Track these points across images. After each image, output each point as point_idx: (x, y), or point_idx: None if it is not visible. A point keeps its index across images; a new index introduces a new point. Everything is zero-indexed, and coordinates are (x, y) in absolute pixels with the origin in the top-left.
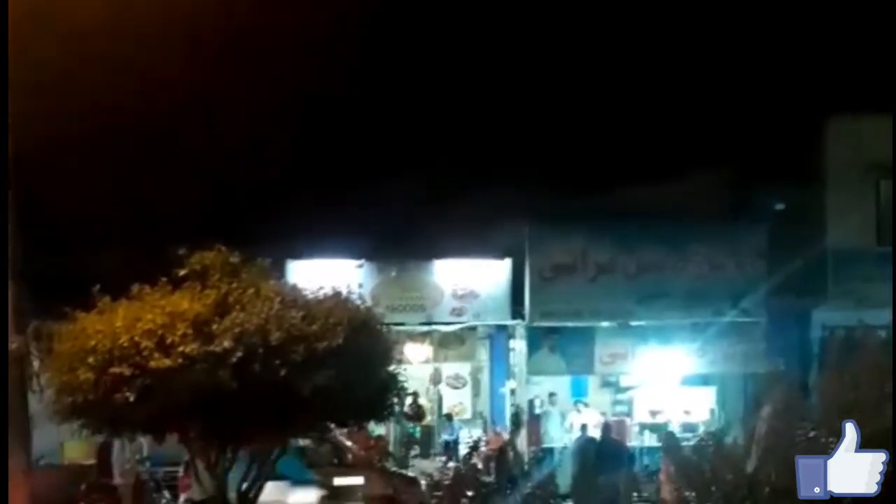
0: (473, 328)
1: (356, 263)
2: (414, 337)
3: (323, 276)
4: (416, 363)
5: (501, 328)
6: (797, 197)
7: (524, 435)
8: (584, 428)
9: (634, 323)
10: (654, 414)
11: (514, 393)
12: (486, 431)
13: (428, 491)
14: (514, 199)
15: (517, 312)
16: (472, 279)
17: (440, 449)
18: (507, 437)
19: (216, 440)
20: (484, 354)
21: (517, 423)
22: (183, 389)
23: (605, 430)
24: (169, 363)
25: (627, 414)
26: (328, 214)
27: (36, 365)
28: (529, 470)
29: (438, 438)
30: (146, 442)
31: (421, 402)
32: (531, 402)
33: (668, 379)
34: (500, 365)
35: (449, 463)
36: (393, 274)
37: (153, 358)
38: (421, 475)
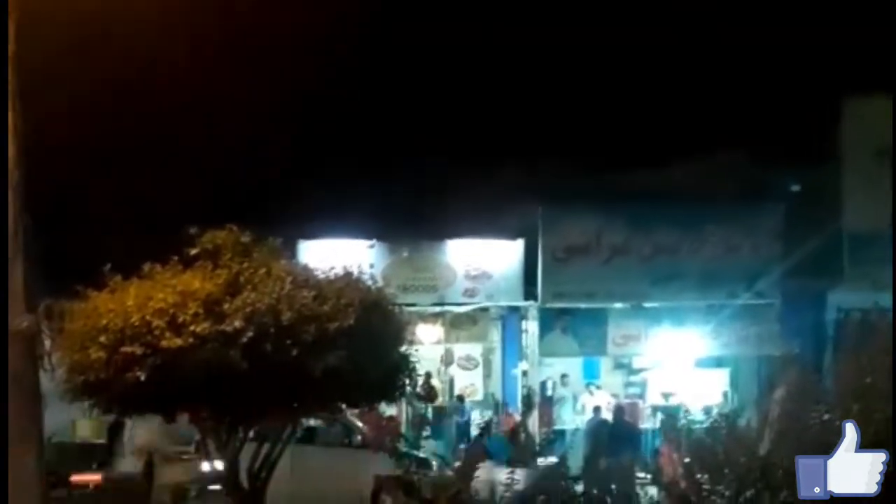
0: (485, 309)
1: (368, 244)
2: (426, 318)
3: (334, 256)
4: (427, 344)
5: (514, 309)
6: (813, 178)
7: (536, 416)
8: (596, 410)
9: (648, 304)
10: (666, 396)
11: (525, 374)
12: (497, 413)
13: (439, 472)
14: (527, 179)
15: (530, 293)
16: (484, 260)
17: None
18: (518, 418)
19: (227, 420)
20: (496, 335)
21: (529, 404)
22: (194, 369)
23: (617, 412)
24: (180, 342)
25: (640, 396)
26: (340, 195)
27: (47, 344)
28: (541, 451)
29: (450, 420)
30: (157, 421)
31: (433, 382)
32: (543, 383)
33: (681, 361)
34: (512, 346)
35: (460, 444)
36: (405, 254)
37: (164, 337)
38: (433, 456)
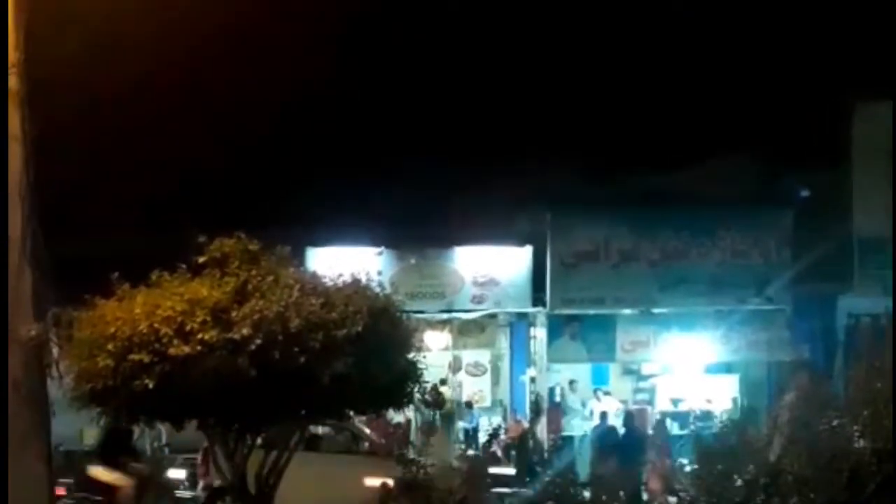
0: (493, 316)
1: (376, 251)
2: (434, 324)
3: (342, 263)
4: (435, 351)
5: (522, 316)
6: (823, 183)
7: (544, 423)
8: (603, 416)
9: (657, 310)
10: (675, 402)
11: (534, 381)
12: (505, 419)
13: (446, 479)
14: (535, 185)
15: (538, 300)
16: (492, 266)
17: (460, 437)
18: (526, 425)
19: (235, 427)
20: (504, 342)
21: (537, 410)
22: (202, 376)
23: (628, 418)
24: (188, 350)
25: (649, 402)
26: (348, 202)
27: (55, 352)
28: (549, 458)
29: (457, 426)
30: (165, 429)
31: (442, 389)
32: (551, 389)
33: (690, 367)
34: (520, 353)
35: (468, 451)
36: (412, 261)
37: (172, 345)
38: (440, 463)
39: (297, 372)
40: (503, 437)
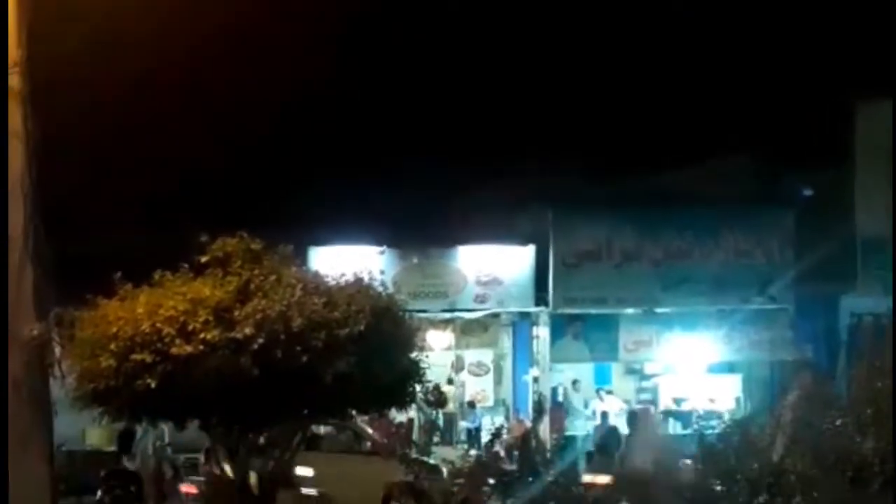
0: (496, 315)
1: (378, 250)
2: (436, 324)
3: (345, 262)
4: (438, 350)
5: (524, 315)
6: (825, 182)
7: (547, 422)
8: (604, 416)
9: (659, 310)
10: (678, 401)
11: (536, 380)
12: (508, 419)
13: (449, 478)
14: (538, 185)
15: (541, 299)
16: (495, 266)
17: (462, 436)
18: (529, 424)
19: (237, 426)
20: (507, 342)
21: (540, 410)
22: (204, 376)
23: (632, 418)
24: (190, 350)
25: (652, 401)
26: (350, 201)
27: (58, 351)
28: (552, 458)
29: (460, 426)
30: (167, 428)
31: (444, 388)
32: (554, 389)
33: (693, 366)
34: (522, 352)
35: (471, 450)
36: (415, 260)
37: (175, 344)
38: (443, 462)
39: (299, 371)
40: (506, 436)
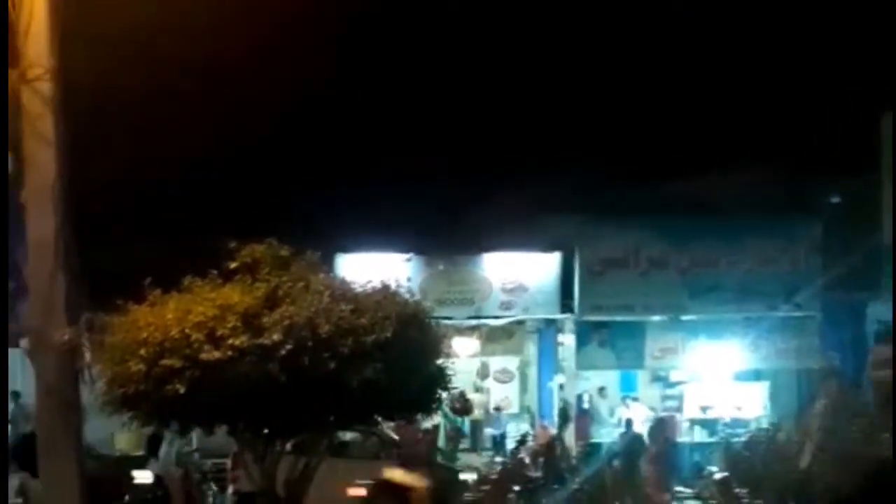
0: (521, 322)
1: (404, 257)
2: (462, 331)
3: (371, 269)
4: (463, 357)
5: (550, 322)
6: (852, 190)
7: (572, 430)
8: (628, 424)
9: (685, 317)
10: (704, 409)
11: (562, 387)
12: (533, 426)
13: (475, 485)
14: (564, 191)
15: (566, 306)
16: (520, 273)
17: (488, 443)
18: (554, 431)
19: (265, 432)
20: (532, 349)
21: (565, 417)
22: (232, 381)
23: (655, 428)
24: (219, 355)
25: (678, 409)
26: (377, 209)
27: (88, 356)
28: (577, 465)
29: (485, 433)
30: (195, 434)
31: (470, 396)
32: (579, 396)
33: (719, 374)
34: (548, 359)
35: (496, 457)
36: (441, 268)
37: (203, 350)
38: (468, 469)
39: (326, 377)
40: (531, 443)
